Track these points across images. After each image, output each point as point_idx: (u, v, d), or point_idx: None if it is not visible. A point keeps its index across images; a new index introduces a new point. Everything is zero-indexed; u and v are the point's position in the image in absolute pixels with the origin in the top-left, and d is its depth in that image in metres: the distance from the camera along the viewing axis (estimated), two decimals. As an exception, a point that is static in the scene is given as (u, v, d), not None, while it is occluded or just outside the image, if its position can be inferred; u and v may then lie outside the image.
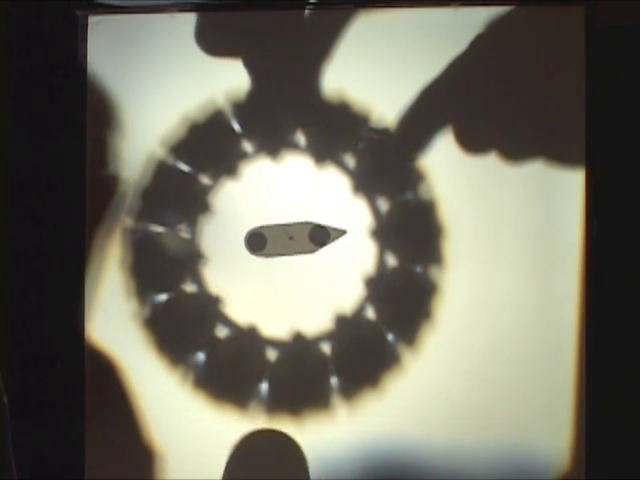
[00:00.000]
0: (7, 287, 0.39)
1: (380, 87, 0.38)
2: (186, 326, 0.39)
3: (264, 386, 0.38)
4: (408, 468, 0.38)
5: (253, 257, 0.38)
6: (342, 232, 0.37)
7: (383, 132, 0.38)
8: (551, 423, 0.37)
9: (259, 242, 0.38)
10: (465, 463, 0.37)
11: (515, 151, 0.37)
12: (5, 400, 0.34)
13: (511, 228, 0.37)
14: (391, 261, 0.38)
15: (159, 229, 0.39)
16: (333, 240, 0.37)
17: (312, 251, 0.38)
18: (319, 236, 0.37)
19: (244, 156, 0.38)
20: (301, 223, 0.38)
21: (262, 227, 0.37)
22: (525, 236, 0.37)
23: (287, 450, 0.38)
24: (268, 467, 0.38)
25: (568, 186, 0.37)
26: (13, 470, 0.34)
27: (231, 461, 0.38)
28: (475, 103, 0.37)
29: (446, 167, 0.37)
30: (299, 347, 0.38)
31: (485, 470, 0.37)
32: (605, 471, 0.37)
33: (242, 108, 0.38)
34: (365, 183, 0.38)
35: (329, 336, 0.38)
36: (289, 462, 0.38)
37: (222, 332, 0.38)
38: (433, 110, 0.37)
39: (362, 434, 0.38)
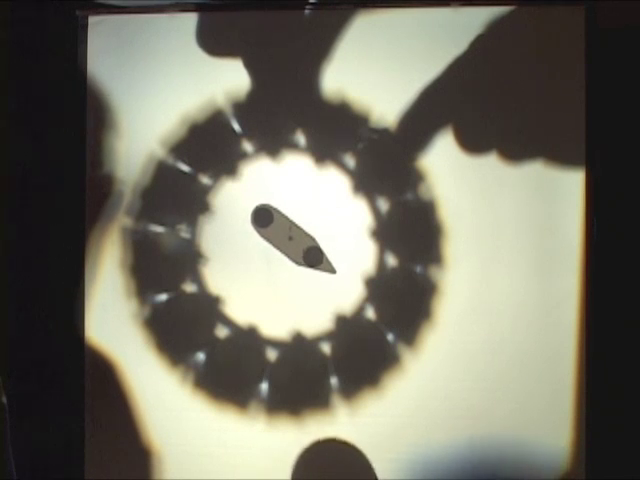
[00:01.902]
0: (7, 287, 0.39)
1: (380, 87, 0.38)
2: (186, 326, 0.38)
3: (264, 386, 0.38)
4: (408, 468, 0.38)
5: (253, 257, 0.38)
6: (333, 271, 0.37)
7: (383, 132, 0.38)
8: (551, 423, 0.37)
9: (264, 220, 0.37)
10: (465, 463, 0.37)
11: (515, 151, 0.37)
12: (5, 400, 0.34)
13: (511, 228, 0.37)
14: (391, 261, 0.38)
15: (159, 229, 0.39)
16: (320, 270, 0.37)
17: (297, 263, 0.37)
18: (312, 257, 0.37)
19: (244, 156, 0.38)
20: (307, 234, 0.38)
21: (276, 210, 0.37)
22: (525, 236, 0.37)
23: (352, 460, 0.38)
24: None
25: (568, 186, 0.37)
26: (13, 470, 0.34)
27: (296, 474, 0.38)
28: (475, 103, 0.37)
29: (446, 167, 0.37)
30: (299, 347, 0.38)
31: (485, 470, 0.37)
32: (605, 471, 0.37)
33: (242, 108, 0.38)
34: (365, 183, 0.38)
35: (329, 336, 0.38)
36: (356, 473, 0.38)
37: (222, 332, 0.38)
38: (433, 110, 0.37)
39: (362, 434, 0.38)
